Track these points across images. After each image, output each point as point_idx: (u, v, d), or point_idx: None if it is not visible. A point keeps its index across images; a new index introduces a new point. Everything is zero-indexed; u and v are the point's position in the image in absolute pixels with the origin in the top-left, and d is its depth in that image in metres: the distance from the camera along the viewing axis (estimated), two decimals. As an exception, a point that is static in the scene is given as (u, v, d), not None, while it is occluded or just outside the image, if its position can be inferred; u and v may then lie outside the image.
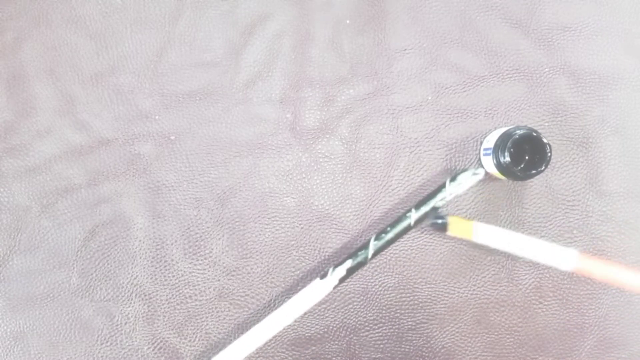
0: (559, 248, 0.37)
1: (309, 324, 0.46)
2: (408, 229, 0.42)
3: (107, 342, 0.45)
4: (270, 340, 0.46)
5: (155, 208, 0.46)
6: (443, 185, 0.42)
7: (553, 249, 0.37)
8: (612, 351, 0.47)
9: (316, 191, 0.46)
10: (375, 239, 0.42)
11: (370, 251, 0.42)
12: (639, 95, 0.48)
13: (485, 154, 0.45)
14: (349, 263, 0.42)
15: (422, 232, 0.46)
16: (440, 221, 0.41)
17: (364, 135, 0.47)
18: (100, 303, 0.45)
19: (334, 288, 0.43)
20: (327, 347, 0.46)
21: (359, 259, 0.42)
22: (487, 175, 0.43)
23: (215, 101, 0.47)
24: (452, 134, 0.47)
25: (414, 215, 0.42)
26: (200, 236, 0.46)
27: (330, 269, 0.42)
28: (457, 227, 0.41)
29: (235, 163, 0.46)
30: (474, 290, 0.46)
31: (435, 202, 0.42)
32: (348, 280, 0.45)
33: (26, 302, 0.45)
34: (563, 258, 0.37)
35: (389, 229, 0.42)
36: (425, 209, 0.42)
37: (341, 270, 0.42)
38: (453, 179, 0.42)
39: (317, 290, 0.42)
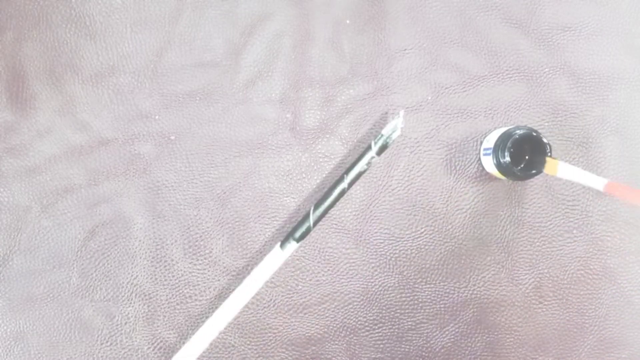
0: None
1: (309, 324, 0.46)
2: (343, 192, 0.44)
3: (107, 342, 0.45)
4: (270, 339, 0.46)
5: (155, 208, 0.46)
6: (369, 147, 0.43)
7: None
8: (612, 351, 0.47)
9: (316, 191, 0.46)
10: (314, 209, 0.44)
11: (312, 221, 0.43)
12: (639, 95, 0.48)
13: (485, 154, 0.45)
14: (297, 233, 0.44)
15: (422, 232, 0.46)
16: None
17: (364, 135, 0.47)
18: (100, 303, 0.45)
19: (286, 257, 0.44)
20: (327, 347, 0.46)
21: (304, 228, 0.44)
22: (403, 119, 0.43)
23: (215, 101, 0.47)
24: (452, 134, 0.47)
25: (346, 179, 0.43)
26: (200, 236, 0.46)
27: (289, 242, 0.44)
28: (549, 166, 0.40)
29: (235, 163, 0.46)
30: (474, 290, 0.46)
31: (363, 163, 0.43)
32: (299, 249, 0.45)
33: (26, 302, 0.45)
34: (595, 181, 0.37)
35: (326, 197, 0.44)
36: (355, 170, 0.43)
37: (293, 242, 0.44)
38: (377, 138, 0.43)
39: (276, 259, 0.44)
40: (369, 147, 0.42)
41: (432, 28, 0.47)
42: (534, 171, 0.42)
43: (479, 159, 0.47)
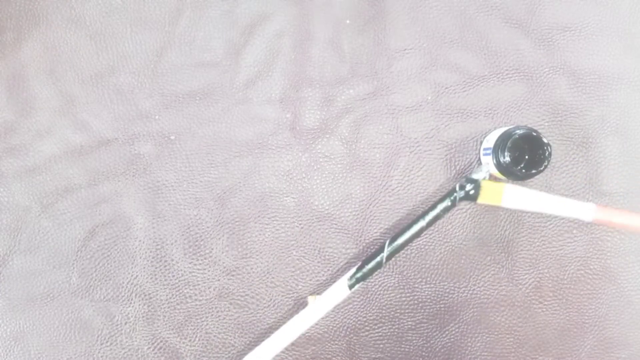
0: (578, 203, 0.40)
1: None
2: (421, 231, 0.43)
3: (107, 342, 0.45)
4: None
5: (155, 208, 0.46)
6: (453, 190, 0.43)
7: (573, 204, 0.40)
8: (612, 351, 0.47)
9: (316, 191, 0.46)
10: (390, 243, 0.43)
11: (385, 254, 0.42)
12: (639, 95, 0.48)
13: (485, 154, 0.45)
14: (366, 267, 0.43)
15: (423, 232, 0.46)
16: (471, 190, 0.42)
17: (364, 135, 0.47)
18: (100, 303, 0.45)
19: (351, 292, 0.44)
20: (327, 347, 0.46)
21: (374, 262, 0.43)
22: (491, 176, 0.43)
23: (215, 101, 0.47)
24: (452, 134, 0.47)
25: (427, 218, 0.43)
26: (200, 236, 0.46)
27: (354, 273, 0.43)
28: (488, 192, 0.41)
29: (235, 163, 0.46)
30: (474, 290, 0.46)
31: (443, 206, 0.43)
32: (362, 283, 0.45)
33: (26, 302, 0.45)
34: (582, 210, 0.40)
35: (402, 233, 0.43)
36: (434, 212, 0.43)
37: (359, 274, 0.43)
38: (462, 187, 0.42)
39: (339, 293, 0.43)
40: (453, 190, 0.43)
41: (432, 28, 0.47)
42: (534, 171, 0.42)
43: (479, 159, 0.47)
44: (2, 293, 0.45)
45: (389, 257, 0.42)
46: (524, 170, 0.42)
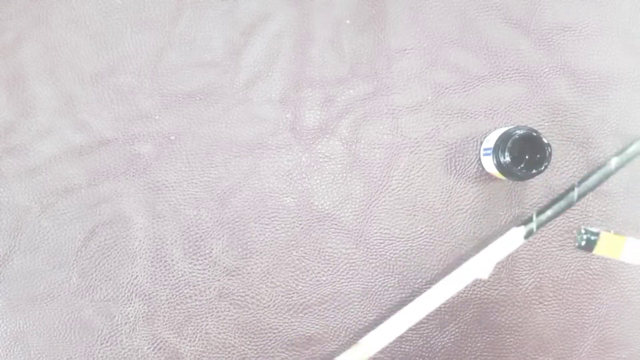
0: None
1: (308, 324, 0.46)
2: (609, 173, 0.43)
3: (107, 342, 0.45)
4: (270, 339, 0.46)
5: (155, 208, 0.46)
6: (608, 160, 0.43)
7: None
8: (612, 351, 0.47)
9: (316, 191, 0.46)
10: (579, 184, 0.43)
11: (576, 194, 0.42)
12: (639, 95, 0.48)
13: (485, 154, 0.45)
14: (555, 208, 0.43)
15: (422, 232, 0.46)
16: (591, 237, 0.44)
17: (364, 135, 0.47)
18: (100, 303, 0.45)
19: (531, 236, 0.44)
20: (327, 347, 0.46)
21: (564, 203, 0.42)
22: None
23: (215, 101, 0.47)
24: (452, 134, 0.47)
25: (614, 160, 0.43)
26: (200, 236, 0.46)
27: (534, 215, 0.42)
28: (606, 244, 0.42)
29: (235, 163, 0.46)
30: (474, 290, 0.46)
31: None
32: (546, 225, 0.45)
33: (26, 302, 0.45)
34: None
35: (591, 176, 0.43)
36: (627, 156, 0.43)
37: (546, 214, 0.42)
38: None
39: (517, 237, 0.43)
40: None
41: (432, 28, 0.47)
42: (534, 171, 0.42)
43: (479, 159, 0.47)
44: (2, 293, 0.45)
45: (579, 197, 0.42)
46: (524, 170, 0.42)
